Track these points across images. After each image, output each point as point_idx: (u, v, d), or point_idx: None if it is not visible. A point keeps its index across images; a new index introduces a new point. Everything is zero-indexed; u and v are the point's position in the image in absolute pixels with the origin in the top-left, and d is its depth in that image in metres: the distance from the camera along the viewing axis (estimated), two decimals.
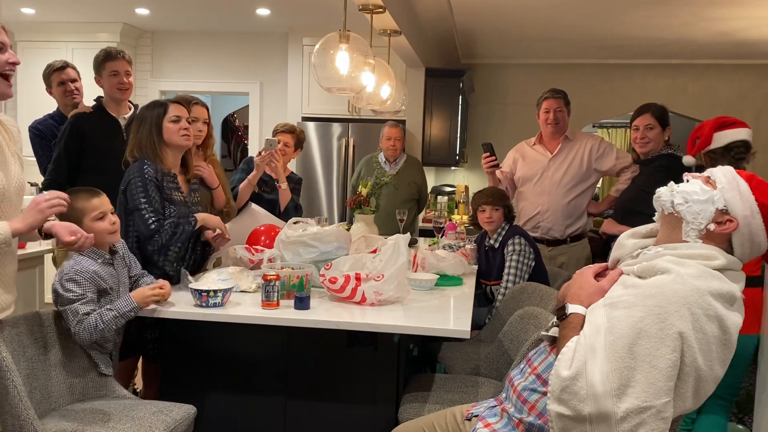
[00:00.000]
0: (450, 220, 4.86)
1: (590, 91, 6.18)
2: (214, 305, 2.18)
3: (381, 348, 2.24)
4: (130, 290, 2.25)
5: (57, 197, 1.89)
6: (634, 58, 6.14)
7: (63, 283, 2.07)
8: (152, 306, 2.17)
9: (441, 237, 3.97)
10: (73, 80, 3.44)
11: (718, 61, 6.06)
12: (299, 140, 3.71)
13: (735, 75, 6.10)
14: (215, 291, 2.17)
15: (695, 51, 5.73)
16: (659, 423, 1.33)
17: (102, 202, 2.19)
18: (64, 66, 3.45)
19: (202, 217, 2.61)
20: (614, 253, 1.70)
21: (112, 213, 2.22)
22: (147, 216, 2.40)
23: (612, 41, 5.48)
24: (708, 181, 1.56)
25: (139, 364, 2.87)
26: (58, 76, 3.43)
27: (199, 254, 2.74)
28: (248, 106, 6.26)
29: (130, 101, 3.35)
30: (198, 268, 2.73)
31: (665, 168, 3.02)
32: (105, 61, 3.18)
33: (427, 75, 5.55)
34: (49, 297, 2.38)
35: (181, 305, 2.23)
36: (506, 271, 3.12)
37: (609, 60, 6.24)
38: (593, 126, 8.76)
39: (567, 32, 5.22)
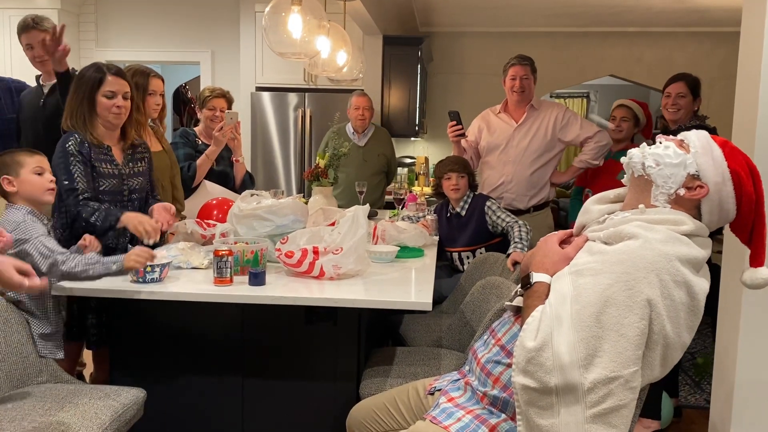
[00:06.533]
0: (410, 191, 4.80)
1: (547, 60, 6.14)
2: (152, 281, 2.07)
3: (341, 323, 2.17)
4: None
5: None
6: (590, 26, 6.11)
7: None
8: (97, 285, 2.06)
9: (401, 209, 3.90)
10: None
11: (674, 29, 6.09)
12: (230, 101, 3.54)
13: (690, 42, 6.15)
14: (152, 266, 2.07)
15: (651, 18, 5.73)
16: (627, 393, 1.30)
17: (42, 160, 2.18)
18: None
19: (126, 219, 2.26)
20: (580, 219, 1.65)
21: (50, 173, 2.20)
22: (68, 194, 2.30)
23: (568, 8, 5.43)
24: (681, 144, 1.51)
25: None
26: None
27: None
28: (200, 76, 6.03)
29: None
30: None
31: None
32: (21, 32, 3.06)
33: (385, 43, 5.40)
34: None
35: (119, 283, 2.10)
36: (505, 218, 3.12)
37: (565, 28, 6.21)
38: (550, 96, 8.77)
39: None
